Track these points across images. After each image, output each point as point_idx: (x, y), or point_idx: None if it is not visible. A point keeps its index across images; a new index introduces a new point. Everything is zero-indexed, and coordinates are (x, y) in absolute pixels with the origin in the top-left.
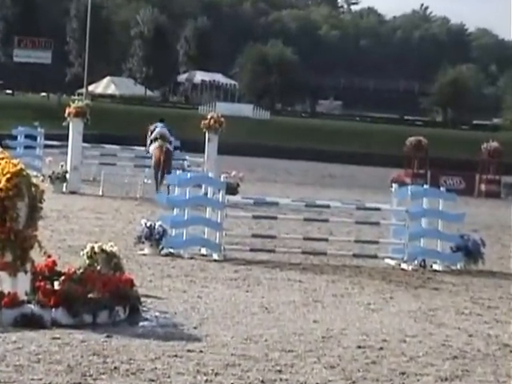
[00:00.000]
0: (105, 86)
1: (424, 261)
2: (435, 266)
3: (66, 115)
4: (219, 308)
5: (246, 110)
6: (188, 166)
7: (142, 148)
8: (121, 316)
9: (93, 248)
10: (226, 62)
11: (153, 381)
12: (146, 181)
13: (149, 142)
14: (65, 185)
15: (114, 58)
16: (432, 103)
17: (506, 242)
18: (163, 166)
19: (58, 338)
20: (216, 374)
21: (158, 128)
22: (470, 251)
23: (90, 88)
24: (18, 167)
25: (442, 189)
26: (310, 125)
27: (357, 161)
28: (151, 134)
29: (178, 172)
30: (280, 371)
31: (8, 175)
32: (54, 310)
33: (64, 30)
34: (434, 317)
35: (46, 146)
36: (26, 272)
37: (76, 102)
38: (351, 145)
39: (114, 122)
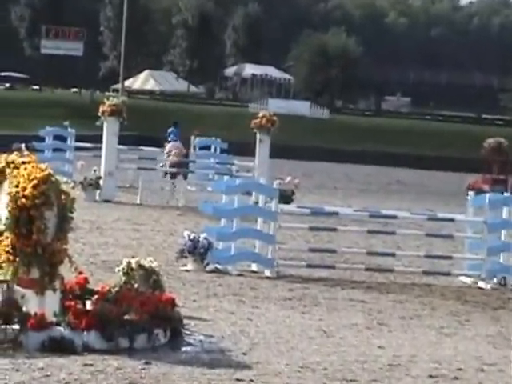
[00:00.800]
0: (143, 81)
1: (504, 278)
2: None
3: (99, 114)
4: (272, 331)
5: (302, 107)
6: (236, 171)
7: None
8: (161, 340)
9: (129, 263)
10: (280, 54)
11: None
12: (189, 188)
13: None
14: (98, 192)
15: (153, 49)
16: None
17: None
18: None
19: (91, 365)
20: None
21: (171, 142)
22: None
23: (127, 83)
24: (46, 172)
25: None
26: (374, 124)
27: (427, 165)
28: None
29: (225, 178)
30: None
31: (35, 181)
32: (85, 333)
33: (97, 18)
34: None
35: (78, 149)
36: (54, 290)
37: (111, 98)
38: (421, 147)
39: (153, 121)
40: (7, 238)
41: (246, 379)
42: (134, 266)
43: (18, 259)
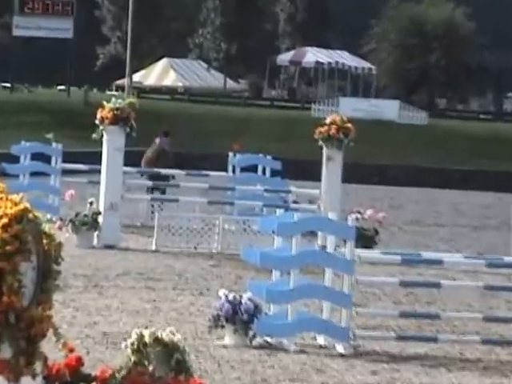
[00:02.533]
0: (159, 73)
1: None
2: None
3: (97, 122)
4: None
5: (388, 109)
6: (294, 202)
7: (222, 174)
8: None
9: (142, 337)
10: (355, 34)
11: None
12: (226, 227)
13: None
14: (96, 234)
15: (173, 29)
16: None
17: None
18: None
19: None
20: None
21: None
22: None
23: (136, 78)
24: (21, 207)
25: None
26: (493, 133)
27: None
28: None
29: (277, 212)
30: None
31: (5, 220)
32: None
33: None
34: None
35: (66, 172)
36: (34, 376)
37: (113, 100)
38: None
39: (174, 131)
40: None
41: None
42: (147, 339)
43: None
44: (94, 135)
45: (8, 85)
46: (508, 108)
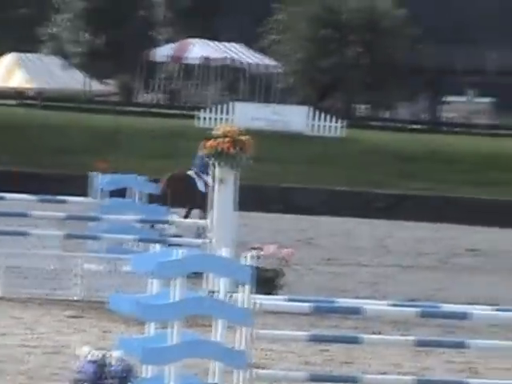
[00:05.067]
0: (5, 72)
1: None
2: None
3: None
4: None
5: (294, 117)
6: (174, 236)
7: (84, 199)
8: None
9: None
10: (254, 23)
11: None
12: (89, 267)
13: None
14: None
15: (22, 17)
16: None
17: None
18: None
19: None
20: None
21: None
22: None
23: None
24: None
25: None
26: (426, 147)
27: None
28: None
29: (154, 248)
30: None
31: None
32: None
33: None
34: None
35: None
36: None
37: None
38: None
39: (22, 146)
40: None
41: None
42: None
43: None
44: None
45: None
46: (445, 116)
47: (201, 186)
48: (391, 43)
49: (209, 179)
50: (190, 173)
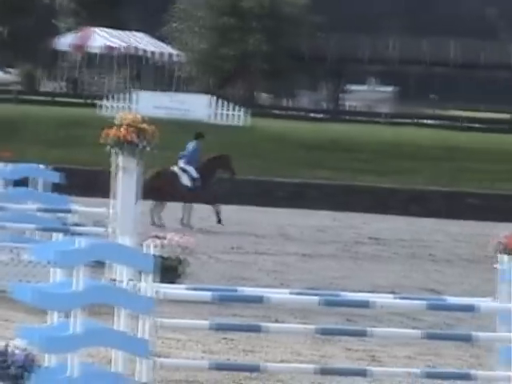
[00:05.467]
0: None
1: None
2: None
3: None
4: None
5: (196, 105)
6: (76, 225)
7: None
8: None
9: None
10: (157, 11)
11: None
12: None
13: None
14: None
15: None
16: None
17: None
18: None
19: None
20: None
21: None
22: None
23: None
24: None
25: None
26: (328, 135)
27: (434, 208)
28: None
29: (56, 237)
30: None
31: None
32: None
33: None
34: None
35: None
36: None
37: None
38: (419, 175)
39: None
40: None
41: None
42: None
43: None
44: None
45: None
46: (347, 105)
47: (185, 181)
48: (293, 31)
49: (194, 173)
50: (175, 168)
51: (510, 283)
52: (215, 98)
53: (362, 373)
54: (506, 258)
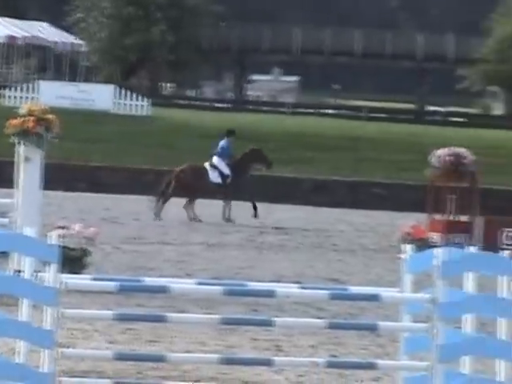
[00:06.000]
0: None
1: None
2: None
3: None
4: None
5: (100, 95)
6: None
7: None
8: None
9: None
10: (58, 1)
11: None
12: None
13: None
14: None
15: None
16: (483, 79)
17: None
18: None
19: None
20: None
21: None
22: None
23: None
24: None
25: (504, 254)
26: (231, 125)
27: (318, 197)
28: None
29: None
30: None
31: None
32: None
33: None
34: None
35: None
36: None
37: None
38: (315, 164)
39: None
40: None
41: None
42: None
43: None
44: None
45: None
46: (251, 95)
47: (214, 177)
48: (196, 22)
49: (225, 169)
50: (206, 165)
51: (414, 273)
52: (119, 88)
53: (266, 362)
54: (410, 247)
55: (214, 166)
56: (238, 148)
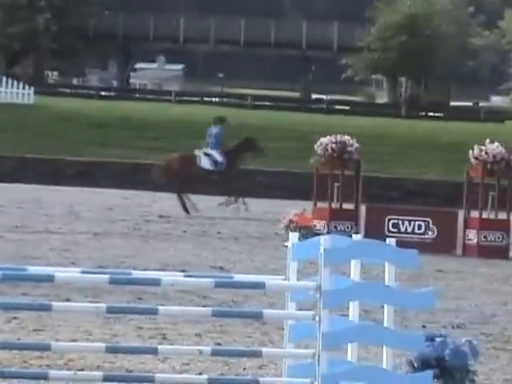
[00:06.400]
0: None
1: None
2: None
3: None
4: None
5: None
6: None
7: None
8: None
9: None
10: None
11: None
12: None
13: None
14: None
15: None
16: (367, 67)
17: None
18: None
19: None
20: None
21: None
22: (447, 368)
23: None
24: None
25: (389, 242)
26: (115, 113)
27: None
28: None
29: None
30: None
31: None
32: None
33: None
34: None
35: None
36: None
37: None
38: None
39: None
40: None
41: None
42: None
43: None
44: None
45: None
46: (137, 83)
47: (205, 164)
48: (81, 10)
49: (218, 157)
50: (196, 152)
51: (299, 261)
52: (3, 76)
53: (152, 351)
54: (295, 235)
55: (206, 154)
56: (124, 137)
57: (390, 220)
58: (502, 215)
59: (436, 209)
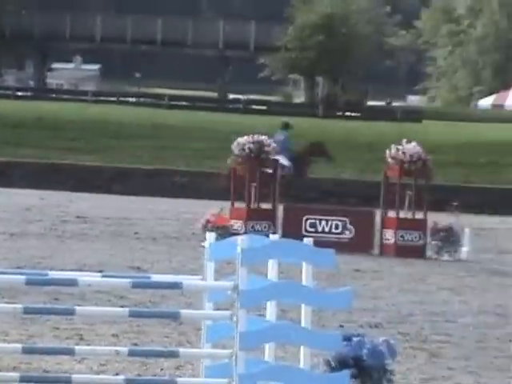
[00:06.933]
0: None
1: None
2: None
3: None
4: None
5: None
6: None
7: None
8: None
9: None
10: None
11: None
12: None
13: None
14: None
15: None
16: (285, 67)
17: (436, 350)
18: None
19: None
20: None
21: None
22: (364, 368)
23: None
24: None
25: (307, 242)
26: (35, 113)
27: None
28: None
29: None
30: None
31: None
32: None
33: None
34: None
35: None
36: None
37: None
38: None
39: None
40: None
41: None
42: None
43: None
44: None
45: None
46: (53, 83)
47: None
48: None
49: (285, 161)
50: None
51: (216, 261)
52: None
53: (68, 352)
54: (212, 235)
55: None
56: (39, 137)
57: (307, 220)
58: (419, 215)
59: (353, 208)
